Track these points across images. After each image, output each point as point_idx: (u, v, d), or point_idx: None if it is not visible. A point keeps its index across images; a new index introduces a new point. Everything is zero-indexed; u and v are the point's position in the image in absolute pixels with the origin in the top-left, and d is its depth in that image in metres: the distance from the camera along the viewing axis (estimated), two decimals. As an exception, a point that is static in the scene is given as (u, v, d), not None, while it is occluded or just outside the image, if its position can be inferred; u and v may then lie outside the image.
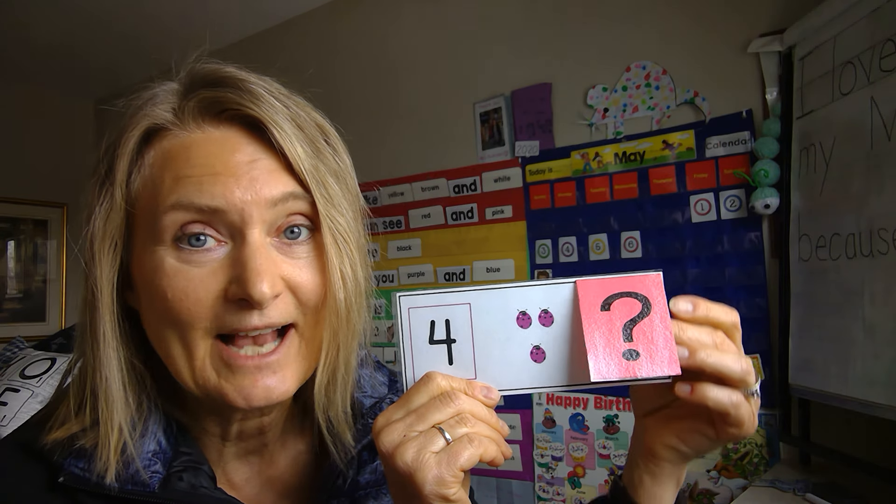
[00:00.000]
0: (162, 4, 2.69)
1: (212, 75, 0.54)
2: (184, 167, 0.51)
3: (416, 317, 0.50)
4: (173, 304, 0.50)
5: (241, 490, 0.60)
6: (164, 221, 0.50)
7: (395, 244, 2.52)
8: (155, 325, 0.53)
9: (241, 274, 0.49)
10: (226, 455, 0.60)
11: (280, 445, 0.64)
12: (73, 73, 3.40)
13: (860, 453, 1.44)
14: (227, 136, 0.53)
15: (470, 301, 0.50)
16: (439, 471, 0.44)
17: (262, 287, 0.49)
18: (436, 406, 0.47)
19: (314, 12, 2.82)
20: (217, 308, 0.50)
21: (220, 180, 0.50)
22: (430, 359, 0.49)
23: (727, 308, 0.51)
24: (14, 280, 3.48)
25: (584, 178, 2.08)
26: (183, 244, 0.50)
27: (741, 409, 0.49)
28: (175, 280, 0.50)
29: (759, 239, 1.77)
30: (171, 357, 0.52)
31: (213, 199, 0.50)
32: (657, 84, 1.95)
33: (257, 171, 0.52)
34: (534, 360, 0.50)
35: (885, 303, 1.27)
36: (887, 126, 1.28)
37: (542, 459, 2.12)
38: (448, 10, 2.41)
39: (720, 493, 1.80)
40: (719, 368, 0.48)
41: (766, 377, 1.74)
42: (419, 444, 0.45)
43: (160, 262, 0.50)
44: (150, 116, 0.53)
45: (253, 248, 0.50)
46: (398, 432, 0.46)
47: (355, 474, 0.62)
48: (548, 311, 0.50)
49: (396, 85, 2.56)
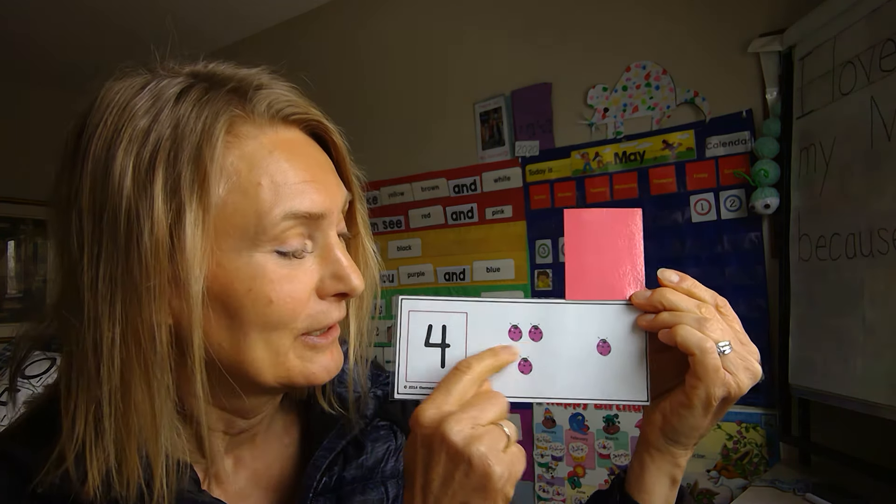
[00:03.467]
0: (162, 5, 2.69)
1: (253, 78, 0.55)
2: (276, 170, 0.50)
3: (416, 320, 0.54)
4: (277, 308, 0.51)
5: (227, 484, 0.60)
6: (271, 230, 0.50)
7: (395, 244, 2.52)
8: (233, 333, 0.50)
9: (338, 270, 0.53)
10: (213, 449, 0.59)
11: (267, 438, 0.64)
12: (73, 72, 3.39)
13: (860, 453, 1.44)
14: (298, 138, 0.55)
15: (467, 311, 0.54)
16: (511, 467, 0.46)
17: (357, 279, 0.54)
18: (491, 403, 0.49)
19: (315, 12, 2.82)
20: (313, 306, 0.53)
21: (314, 187, 0.52)
22: (423, 360, 0.53)
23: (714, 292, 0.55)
24: (14, 280, 3.48)
25: (584, 178, 2.08)
26: (284, 249, 0.51)
27: (707, 356, 0.50)
28: (280, 285, 0.51)
29: (759, 239, 1.77)
30: (252, 361, 0.51)
31: (315, 206, 0.52)
32: (657, 84, 1.95)
33: (330, 178, 0.55)
34: (521, 371, 0.54)
35: (885, 303, 1.27)
36: (887, 126, 1.28)
37: (542, 459, 2.12)
38: (448, 10, 2.41)
39: (720, 493, 1.80)
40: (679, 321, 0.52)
41: (766, 377, 1.73)
42: (492, 439, 0.47)
43: (261, 268, 0.50)
44: (227, 116, 0.50)
45: (340, 246, 0.55)
46: (467, 424, 0.47)
47: (341, 470, 0.62)
48: (538, 328, 0.54)
49: (396, 85, 2.56)
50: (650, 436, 0.57)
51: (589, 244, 0.55)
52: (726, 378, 0.51)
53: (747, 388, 0.52)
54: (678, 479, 0.58)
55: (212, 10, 2.78)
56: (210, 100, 0.50)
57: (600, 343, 0.54)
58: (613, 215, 0.55)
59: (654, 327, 0.53)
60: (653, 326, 0.53)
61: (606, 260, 0.55)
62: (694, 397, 0.51)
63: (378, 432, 0.67)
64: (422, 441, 0.48)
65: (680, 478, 0.58)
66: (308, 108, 0.56)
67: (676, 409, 0.54)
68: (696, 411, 0.52)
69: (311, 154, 0.55)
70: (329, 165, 0.56)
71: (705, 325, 0.51)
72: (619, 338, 0.54)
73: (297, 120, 0.55)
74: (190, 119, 0.49)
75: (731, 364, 0.51)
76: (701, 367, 0.50)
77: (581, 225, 0.55)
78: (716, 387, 0.50)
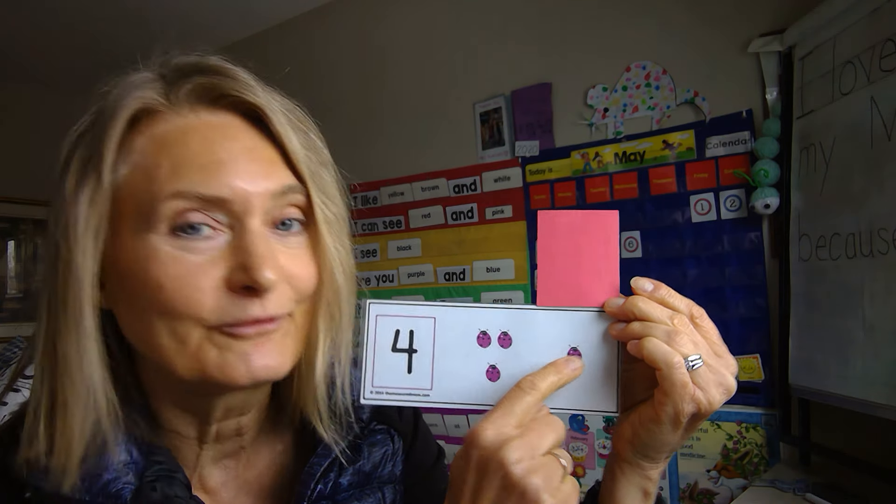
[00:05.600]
0: (158, 6, 2.69)
1: (201, 63, 0.54)
2: (183, 153, 0.50)
3: (383, 324, 0.52)
4: (169, 294, 0.48)
5: (218, 495, 0.58)
6: (162, 209, 0.48)
7: (395, 244, 2.52)
8: (139, 317, 0.50)
9: (245, 260, 0.49)
10: (202, 460, 0.58)
11: (257, 447, 0.62)
12: (73, 72, 3.39)
13: (860, 453, 1.44)
14: (224, 122, 0.53)
15: (435, 315, 0.53)
16: (565, 502, 0.45)
17: (267, 273, 0.48)
18: (551, 429, 0.47)
19: (314, 12, 2.82)
20: (220, 298, 0.49)
21: (223, 169, 0.50)
22: (391, 365, 0.52)
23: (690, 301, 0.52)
24: (14, 280, 3.48)
25: (584, 177, 2.08)
26: (180, 233, 0.49)
27: (673, 371, 0.48)
28: (172, 268, 0.48)
29: (759, 239, 1.77)
30: (159, 348, 0.50)
31: (219, 189, 0.49)
32: (657, 84, 1.95)
33: (258, 162, 0.52)
34: (489, 378, 0.52)
35: (885, 303, 1.27)
36: (887, 126, 1.28)
37: (542, 459, 2.12)
38: (448, 10, 2.41)
39: (720, 493, 1.80)
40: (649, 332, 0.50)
41: (766, 377, 1.74)
42: (549, 471, 0.45)
43: (153, 251, 0.48)
44: (140, 99, 0.52)
45: (256, 236, 0.50)
46: (527, 453, 0.45)
47: (337, 476, 0.60)
48: (507, 334, 0.53)
49: (396, 85, 2.56)
50: (620, 449, 0.55)
51: (562, 247, 0.53)
52: (695, 394, 0.48)
53: (719, 404, 0.50)
54: (651, 491, 0.57)
55: (210, 9, 2.78)
56: (136, 86, 0.52)
57: (571, 351, 0.53)
58: (589, 217, 0.54)
59: (624, 337, 0.51)
60: (623, 336, 0.51)
61: (580, 264, 0.53)
62: (662, 413, 0.49)
63: (375, 436, 0.65)
64: (477, 463, 0.46)
65: (653, 490, 0.57)
66: (244, 91, 0.52)
67: (645, 424, 0.51)
68: (664, 427, 0.50)
69: (235, 138, 0.52)
70: (262, 151, 0.53)
71: (675, 337, 0.49)
72: (590, 346, 0.52)
73: (228, 104, 0.53)
74: (108, 105, 0.52)
75: (701, 379, 0.49)
76: (668, 382, 0.48)
77: (555, 227, 0.53)
78: (684, 403, 0.48)
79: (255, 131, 0.53)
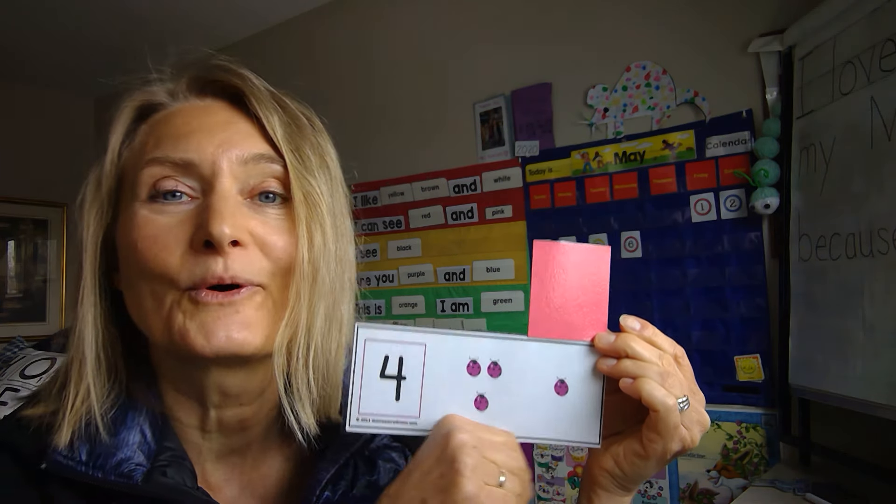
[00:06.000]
0: (158, 7, 2.69)
1: (205, 58, 0.59)
2: (164, 128, 0.55)
3: (372, 349, 0.50)
4: (142, 252, 0.51)
5: (220, 491, 0.58)
6: (141, 177, 0.53)
7: (395, 244, 2.52)
8: (131, 284, 0.53)
9: (204, 217, 0.50)
10: (205, 453, 0.58)
11: (265, 449, 0.61)
12: (73, 72, 3.39)
13: (860, 453, 1.44)
14: (208, 104, 0.57)
15: (426, 342, 0.51)
16: (480, 496, 0.45)
17: (223, 227, 0.49)
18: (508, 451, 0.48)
19: (314, 12, 2.82)
20: (185, 257, 0.50)
21: (194, 137, 0.53)
22: (378, 392, 0.50)
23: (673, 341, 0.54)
24: (14, 280, 3.48)
25: (584, 177, 2.08)
26: (157, 198, 0.52)
27: (670, 415, 0.50)
28: (145, 229, 0.51)
29: (759, 239, 1.77)
30: (144, 312, 0.52)
31: (187, 152, 0.52)
32: (657, 84, 1.95)
33: (231, 132, 0.54)
34: (476, 407, 0.52)
35: (885, 303, 1.27)
36: (887, 126, 1.28)
37: (542, 459, 2.12)
38: (448, 10, 2.41)
39: (720, 493, 1.80)
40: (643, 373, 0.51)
41: (766, 377, 1.74)
42: (483, 463, 0.46)
43: (133, 216, 0.52)
44: (146, 94, 0.58)
45: (219, 195, 0.51)
46: (474, 440, 0.47)
47: (348, 486, 0.59)
48: (497, 364, 0.52)
49: (396, 85, 2.56)
50: (598, 477, 0.57)
51: (556, 279, 0.54)
52: (683, 434, 0.51)
53: (698, 442, 0.53)
54: None
55: (209, 9, 2.78)
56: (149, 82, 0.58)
57: (558, 383, 0.53)
58: (584, 251, 0.54)
59: (615, 374, 0.52)
60: (614, 373, 0.52)
61: (572, 297, 0.54)
62: (650, 451, 0.52)
63: (390, 453, 0.65)
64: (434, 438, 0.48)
65: None
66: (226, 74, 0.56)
67: (630, 458, 0.54)
68: (650, 462, 0.53)
69: (215, 113, 0.56)
70: (238, 124, 0.55)
71: (667, 380, 0.51)
72: (577, 379, 0.53)
73: (216, 90, 0.58)
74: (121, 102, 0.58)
75: (687, 419, 0.51)
76: (663, 424, 0.50)
77: (550, 258, 0.54)
78: (673, 442, 0.51)
79: (236, 110, 0.56)
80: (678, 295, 1.89)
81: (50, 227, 3.60)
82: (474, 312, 2.31)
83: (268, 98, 0.56)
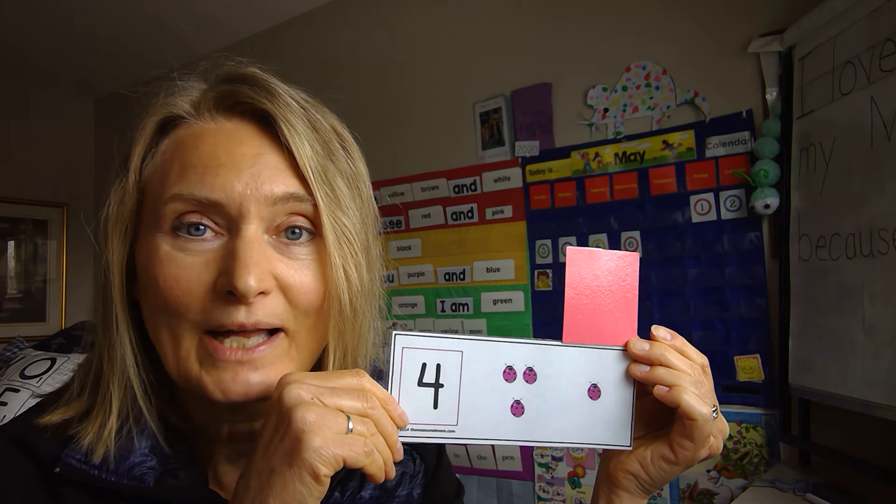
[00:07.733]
0: (163, 4, 2.69)
1: (234, 71, 0.56)
2: (191, 156, 0.52)
3: (409, 357, 0.50)
4: (164, 292, 0.50)
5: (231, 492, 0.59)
6: (165, 210, 0.51)
7: (395, 244, 2.52)
8: (150, 313, 0.53)
9: (229, 265, 0.49)
10: (217, 456, 0.58)
11: None
12: (73, 72, 3.39)
13: (860, 453, 1.44)
14: (236, 127, 0.54)
15: (463, 349, 0.52)
16: (328, 446, 0.42)
17: (249, 280, 0.48)
18: (351, 394, 0.46)
19: (314, 12, 2.82)
20: (206, 301, 0.50)
21: (221, 173, 0.50)
22: (416, 399, 0.50)
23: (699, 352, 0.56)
24: (14, 280, 3.48)
25: (584, 178, 2.08)
26: (180, 233, 0.51)
27: (707, 425, 0.52)
28: (167, 267, 0.50)
29: (759, 239, 1.77)
30: (161, 345, 0.52)
31: (213, 191, 0.50)
32: (657, 84, 1.95)
33: (260, 167, 0.51)
34: (513, 413, 0.52)
35: (885, 303, 1.27)
36: (887, 126, 1.28)
37: (542, 459, 2.12)
38: (448, 11, 2.41)
39: (720, 493, 1.80)
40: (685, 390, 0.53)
41: (766, 377, 1.74)
42: (324, 413, 0.43)
43: (156, 249, 0.51)
44: (168, 106, 0.55)
45: (245, 241, 0.50)
46: (309, 392, 0.44)
47: (357, 488, 0.60)
48: (532, 369, 0.53)
49: (396, 85, 2.56)
50: (622, 479, 0.58)
51: (589, 286, 0.55)
52: (712, 442, 0.53)
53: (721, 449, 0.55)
54: None
55: (214, 6, 2.78)
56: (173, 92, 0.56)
57: (591, 387, 0.54)
58: (615, 258, 0.55)
59: (649, 380, 0.54)
60: (648, 379, 0.54)
61: (604, 303, 0.55)
62: (681, 456, 0.54)
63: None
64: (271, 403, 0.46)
65: None
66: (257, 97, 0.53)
67: (658, 462, 0.55)
68: (678, 468, 0.55)
69: (243, 142, 0.52)
70: (268, 157, 0.52)
71: (700, 389, 0.52)
72: (609, 383, 0.55)
73: (244, 110, 0.54)
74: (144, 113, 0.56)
75: (715, 428, 0.53)
76: (699, 432, 0.52)
77: (582, 264, 0.55)
78: (704, 449, 0.53)
79: (266, 137, 0.53)
80: (678, 295, 1.89)
81: (50, 227, 3.60)
82: (474, 313, 2.31)
83: (300, 118, 0.53)
